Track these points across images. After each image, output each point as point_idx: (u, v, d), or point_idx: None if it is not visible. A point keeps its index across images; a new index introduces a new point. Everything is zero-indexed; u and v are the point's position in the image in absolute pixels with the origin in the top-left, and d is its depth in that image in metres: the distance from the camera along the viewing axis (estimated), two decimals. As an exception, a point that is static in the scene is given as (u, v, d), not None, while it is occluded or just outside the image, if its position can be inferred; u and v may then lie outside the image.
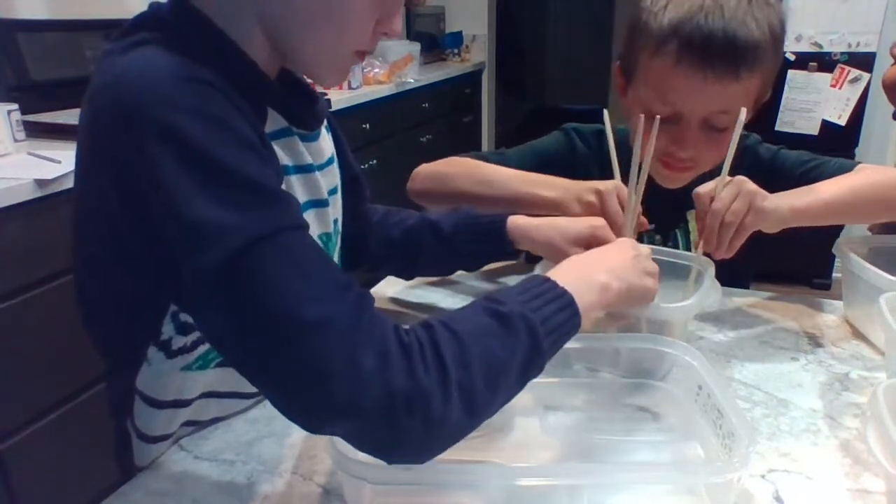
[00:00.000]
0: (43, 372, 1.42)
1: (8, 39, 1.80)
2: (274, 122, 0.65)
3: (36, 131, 1.67)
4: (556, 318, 0.57)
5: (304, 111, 0.69)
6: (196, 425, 0.73)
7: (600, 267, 0.67)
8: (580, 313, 0.60)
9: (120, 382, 0.68)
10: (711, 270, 0.83)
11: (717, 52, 0.84)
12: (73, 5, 1.95)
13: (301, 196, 0.69)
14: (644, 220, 0.88)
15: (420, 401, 0.49)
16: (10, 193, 1.31)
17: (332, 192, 0.77)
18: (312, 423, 0.52)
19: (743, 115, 0.81)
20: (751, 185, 0.83)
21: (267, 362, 0.51)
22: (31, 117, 1.67)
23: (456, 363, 0.51)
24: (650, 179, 0.99)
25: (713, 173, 0.99)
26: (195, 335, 0.64)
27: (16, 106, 1.60)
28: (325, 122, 0.79)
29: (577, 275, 0.64)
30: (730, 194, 0.82)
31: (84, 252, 0.65)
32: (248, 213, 0.51)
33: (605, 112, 0.91)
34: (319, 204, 0.72)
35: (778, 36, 0.89)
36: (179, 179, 0.51)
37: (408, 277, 1.00)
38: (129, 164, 0.53)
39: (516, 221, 0.88)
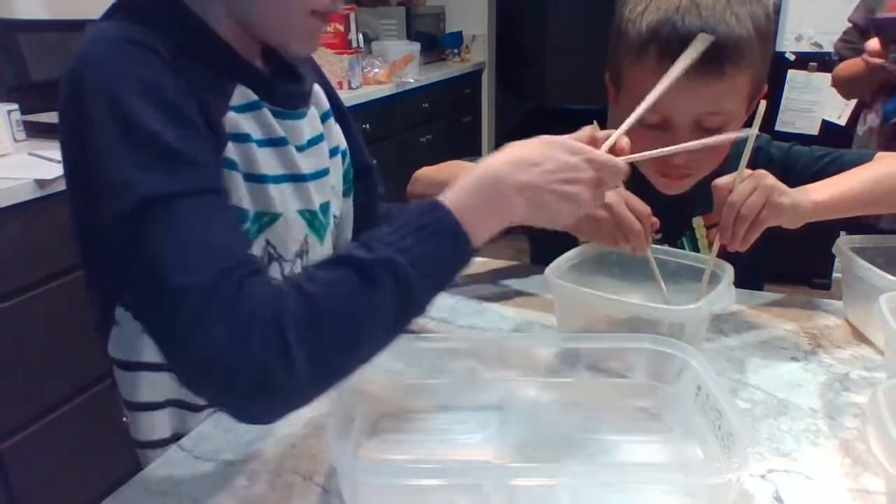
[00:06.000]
0: (43, 372, 1.42)
1: (8, 39, 1.80)
2: (243, 95, 0.68)
3: (36, 131, 1.68)
4: (438, 252, 0.56)
5: (277, 89, 0.72)
6: (191, 410, 0.74)
7: (514, 181, 0.60)
8: (470, 241, 0.57)
9: (105, 351, 0.72)
10: (729, 274, 0.83)
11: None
12: (72, 5, 1.95)
13: (273, 168, 0.71)
14: (656, 220, 0.87)
15: (255, 372, 0.50)
16: (10, 193, 1.31)
17: (320, 174, 0.78)
18: (184, 381, 0.55)
19: (763, 106, 0.80)
20: (770, 180, 0.82)
21: (144, 318, 0.55)
22: (31, 117, 1.67)
23: (301, 326, 0.51)
24: (653, 189, 0.99)
25: (714, 176, 0.99)
26: None
27: (16, 106, 1.60)
28: (332, 112, 0.83)
29: (482, 191, 0.59)
30: (748, 188, 0.81)
31: (70, 219, 0.68)
32: (149, 174, 0.53)
33: (595, 123, 0.90)
34: (297, 179, 0.74)
35: (764, 29, 0.87)
36: (100, 134, 0.55)
37: None
38: (72, 125, 0.58)
39: None
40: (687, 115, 0.88)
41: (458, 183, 0.60)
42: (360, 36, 2.78)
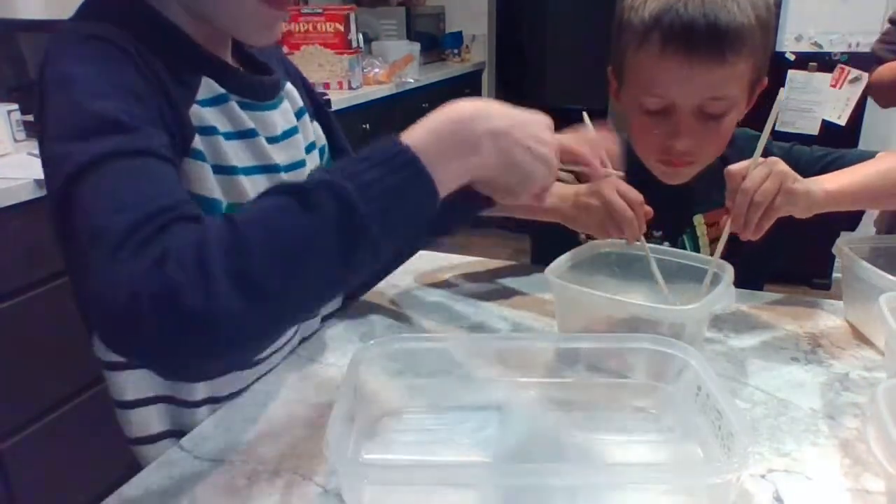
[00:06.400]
0: (43, 372, 1.42)
1: (8, 39, 1.80)
2: (209, 88, 0.69)
3: (36, 131, 1.67)
4: (387, 181, 0.51)
5: (244, 81, 0.73)
6: (185, 405, 0.74)
7: (487, 125, 0.57)
8: (430, 177, 0.53)
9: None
10: (730, 274, 0.83)
11: (699, 37, 0.85)
12: (73, 5, 1.95)
13: (244, 160, 0.72)
14: (649, 209, 0.87)
15: (166, 297, 0.45)
16: (10, 193, 1.32)
17: (295, 165, 0.79)
18: (104, 337, 0.52)
19: (783, 92, 0.80)
20: (783, 167, 0.82)
21: (72, 276, 0.56)
22: (31, 117, 1.67)
23: (223, 251, 0.47)
24: (655, 184, 0.99)
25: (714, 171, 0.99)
26: None
27: (16, 106, 1.61)
28: (308, 109, 0.84)
29: (448, 132, 0.56)
30: (761, 174, 0.81)
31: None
32: (86, 145, 0.54)
33: (585, 115, 0.91)
34: (270, 170, 0.74)
35: (764, 18, 0.89)
36: (44, 114, 0.57)
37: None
38: (37, 120, 0.61)
39: None
40: (689, 100, 0.89)
41: (422, 121, 0.56)
42: (360, 36, 2.78)
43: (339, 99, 2.50)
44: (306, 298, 0.51)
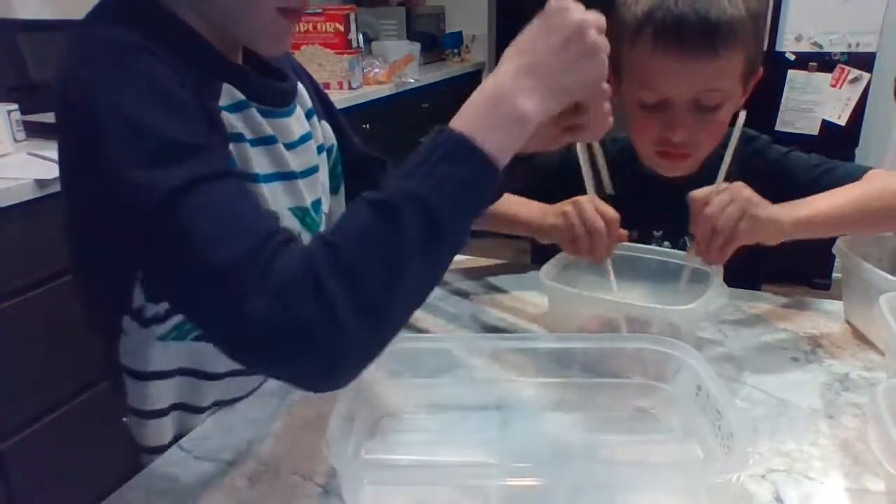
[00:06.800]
0: (43, 372, 1.42)
1: (8, 39, 1.80)
2: (230, 95, 0.68)
3: (36, 131, 1.67)
4: (456, 172, 0.53)
5: (263, 87, 0.72)
6: (193, 412, 0.74)
7: (520, 87, 0.57)
8: (487, 156, 0.54)
9: (109, 359, 0.71)
10: (719, 274, 0.83)
11: (690, 31, 0.85)
12: (73, 5, 1.95)
13: (264, 167, 0.71)
14: (623, 232, 0.87)
15: (301, 331, 0.49)
16: (10, 193, 1.31)
17: (310, 171, 0.78)
18: (236, 359, 0.55)
19: (742, 116, 0.81)
20: (747, 192, 0.82)
21: (191, 306, 0.55)
22: (31, 117, 1.67)
23: (334, 275, 0.50)
24: (656, 183, 1.00)
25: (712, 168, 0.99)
26: (167, 303, 0.66)
27: (16, 106, 1.60)
28: (317, 109, 0.84)
29: (491, 109, 0.56)
30: (724, 200, 0.81)
31: (68, 230, 0.68)
32: (169, 170, 0.53)
33: None
34: (287, 177, 0.74)
35: (756, 12, 0.89)
36: (115, 149, 0.54)
37: None
38: (69, 131, 0.59)
39: None
40: (683, 93, 0.90)
41: (464, 105, 0.57)
42: (360, 36, 2.78)
43: (339, 99, 2.50)
44: (413, 302, 0.55)
